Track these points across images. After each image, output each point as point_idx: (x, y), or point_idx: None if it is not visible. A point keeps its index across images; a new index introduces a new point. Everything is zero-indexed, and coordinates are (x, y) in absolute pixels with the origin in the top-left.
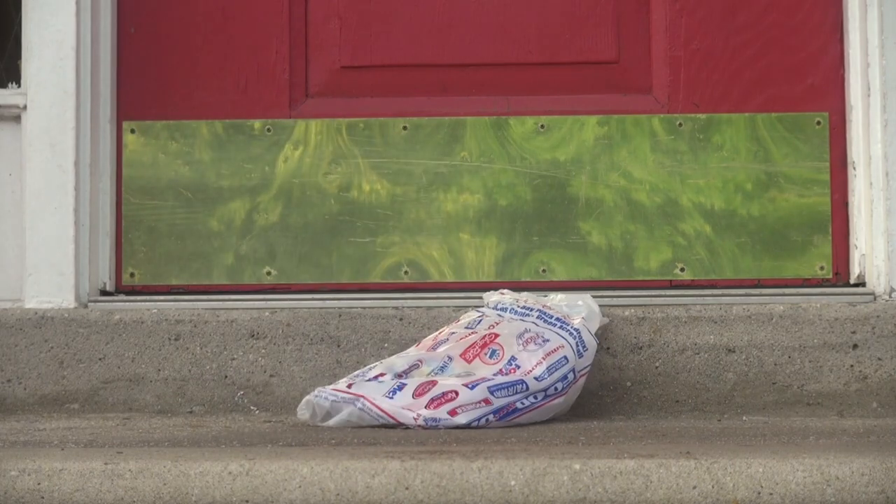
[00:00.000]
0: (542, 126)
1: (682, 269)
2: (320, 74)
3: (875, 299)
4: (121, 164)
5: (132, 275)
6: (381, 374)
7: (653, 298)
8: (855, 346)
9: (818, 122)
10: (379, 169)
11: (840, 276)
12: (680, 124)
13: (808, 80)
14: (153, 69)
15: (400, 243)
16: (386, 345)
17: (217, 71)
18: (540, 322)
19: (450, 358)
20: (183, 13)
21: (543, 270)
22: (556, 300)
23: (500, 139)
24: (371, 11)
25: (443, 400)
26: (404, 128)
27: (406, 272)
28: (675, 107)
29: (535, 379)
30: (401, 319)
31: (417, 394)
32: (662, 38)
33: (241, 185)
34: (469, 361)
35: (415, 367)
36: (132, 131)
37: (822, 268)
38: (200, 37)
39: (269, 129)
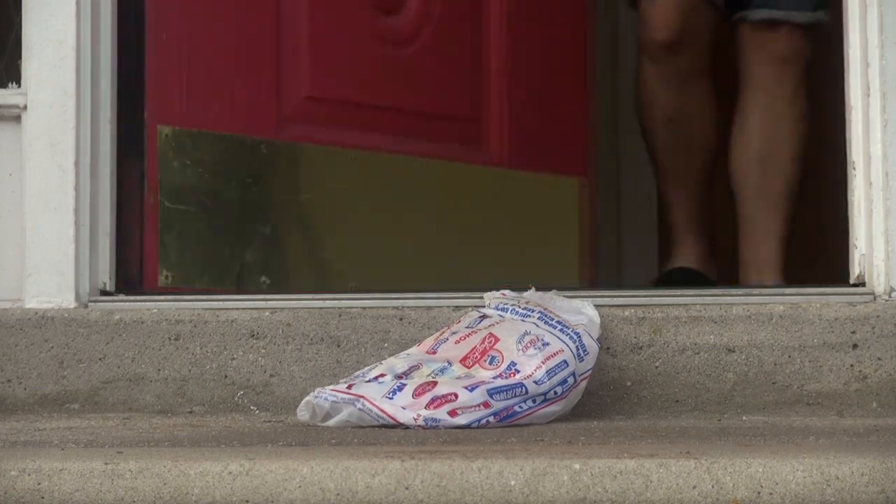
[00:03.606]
0: None
1: None
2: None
3: (875, 299)
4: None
5: (167, 277)
6: (382, 375)
7: (653, 298)
8: (855, 345)
9: None
10: None
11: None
12: None
13: None
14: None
15: None
16: (386, 345)
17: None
18: (541, 324)
19: (449, 363)
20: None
21: None
22: (558, 305)
23: None
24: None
25: (443, 401)
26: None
27: None
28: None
29: (535, 382)
30: (401, 319)
31: (417, 393)
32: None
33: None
34: (469, 367)
35: (415, 368)
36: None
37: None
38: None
39: (261, 147)
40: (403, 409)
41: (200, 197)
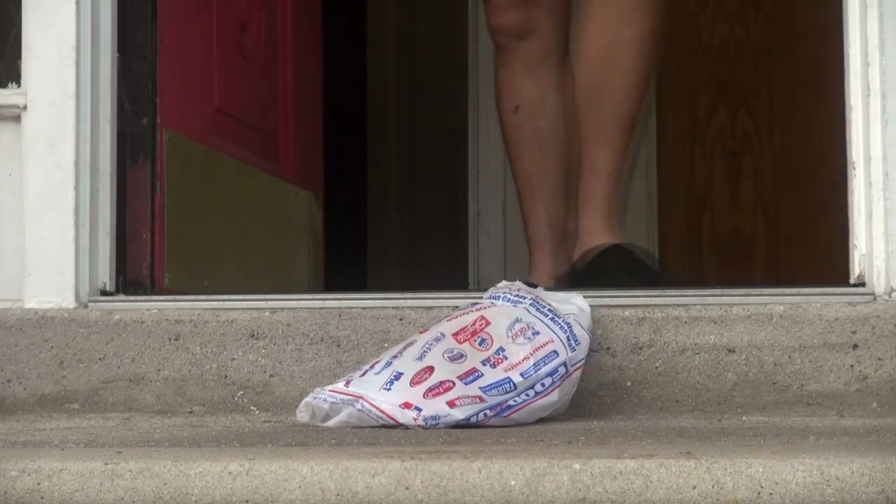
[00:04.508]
0: None
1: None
2: None
3: (875, 299)
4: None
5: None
6: (376, 362)
7: (653, 298)
8: (855, 346)
9: None
10: None
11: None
12: None
13: None
14: None
15: None
16: (386, 345)
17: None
18: (532, 310)
19: (442, 335)
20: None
21: None
22: (547, 295)
23: None
24: None
25: (440, 389)
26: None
27: None
28: None
29: (522, 375)
30: (401, 319)
31: (415, 382)
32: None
33: None
34: (460, 343)
35: (410, 344)
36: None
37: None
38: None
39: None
40: (403, 408)
41: (184, 201)
